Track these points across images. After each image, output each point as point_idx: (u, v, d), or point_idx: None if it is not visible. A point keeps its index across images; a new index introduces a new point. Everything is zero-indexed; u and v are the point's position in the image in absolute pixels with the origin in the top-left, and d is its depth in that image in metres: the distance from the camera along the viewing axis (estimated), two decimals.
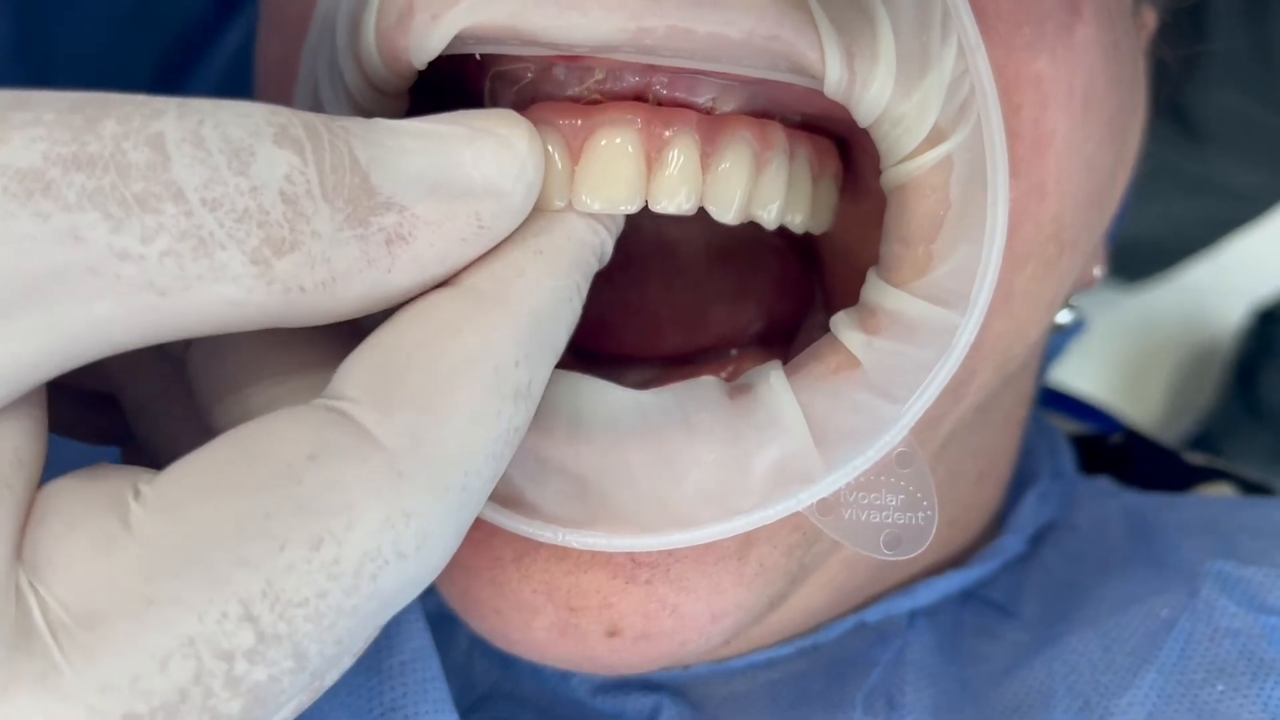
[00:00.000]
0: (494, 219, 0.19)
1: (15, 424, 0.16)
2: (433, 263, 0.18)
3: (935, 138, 0.22)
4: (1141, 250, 0.91)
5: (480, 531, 0.23)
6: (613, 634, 0.25)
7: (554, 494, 0.22)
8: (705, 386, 0.23)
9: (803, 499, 0.22)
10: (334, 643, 0.16)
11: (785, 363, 0.29)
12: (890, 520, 0.23)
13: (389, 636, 0.27)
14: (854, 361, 0.23)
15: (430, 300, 0.18)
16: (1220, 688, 0.28)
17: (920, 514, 0.23)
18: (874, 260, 0.24)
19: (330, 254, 0.17)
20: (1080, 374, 0.96)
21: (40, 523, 0.16)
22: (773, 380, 0.23)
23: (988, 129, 0.21)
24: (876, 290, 0.23)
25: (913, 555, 0.23)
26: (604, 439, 0.22)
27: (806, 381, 0.23)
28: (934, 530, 0.23)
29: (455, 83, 0.25)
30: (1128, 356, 1.04)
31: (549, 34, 0.20)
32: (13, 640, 0.15)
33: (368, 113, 0.23)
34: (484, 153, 0.18)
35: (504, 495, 0.22)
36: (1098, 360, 1.01)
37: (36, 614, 0.15)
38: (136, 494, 0.16)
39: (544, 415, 0.22)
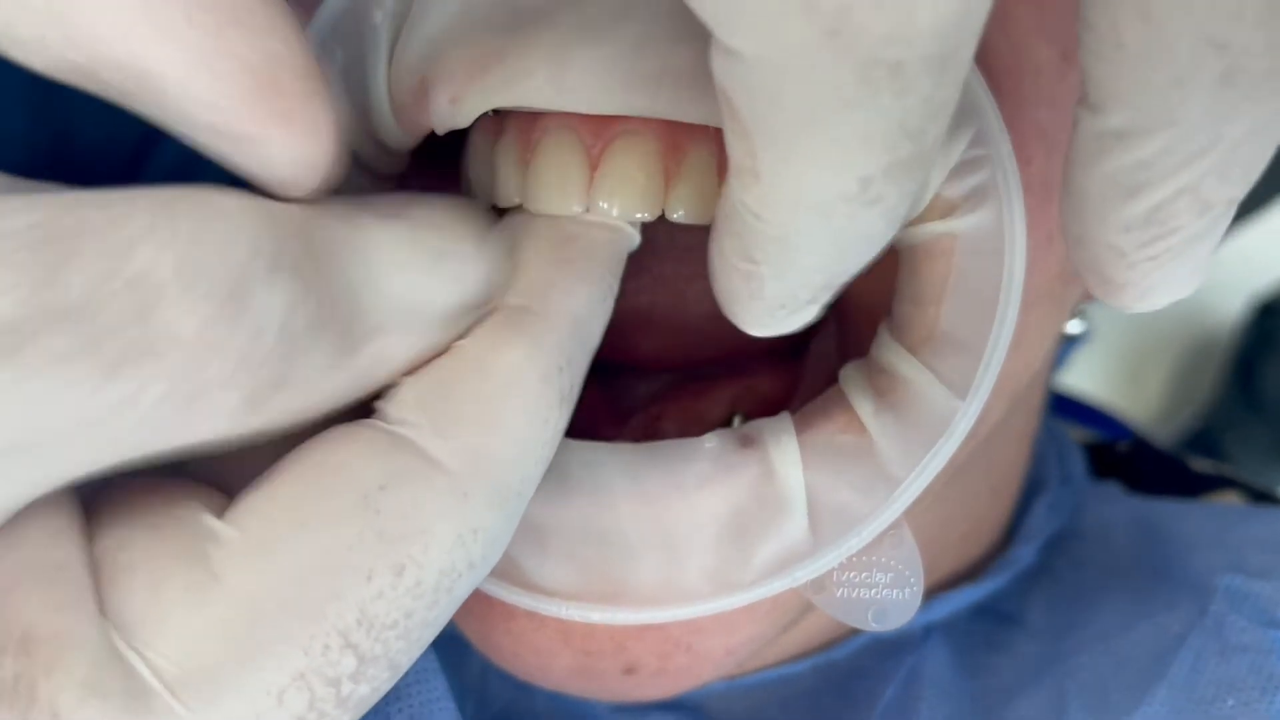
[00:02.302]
0: (479, 325, 0.19)
1: (44, 506, 0.16)
2: (419, 366, 0.19)
3: (943, 209, 0.21)
4: None
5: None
6: (629, 672, 0.25)
7: (551, 565, 0.22)
8: (706, 451, 0.23)
9: (798, 577, 0.23)
10: (419, 647, 0.17)
11: (794, 379, 0.28)
12: (879, 596, 0.23)
13: None
14: (861, 426, 0.23)
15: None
16: (1231, 703, 0.28)
17: (908, 590, 0.23)
18: (881, 276, 0.24)
19: (322, 384, 0.17)
20: (1080, 369, 0.97)
21: (118, 582, 0.16)
22: (785, 447, 0.23)
23: (1009, 234, 0.21)
24: (888, 350, 0.23)
25: (896, 627, 0.23)
26: (598, 508, 0.22)
27: (814, 448, 0.23)
28: (919, 603, 0.23)
29: None
30: (1127, 351, 1.04)
31: (559, 107, 0.21)
32: (131, 705, 0.15)
33: (367, 165, 0.23)
34: (471, 269, 0.19)
35: (502, 566, 0.23)
36: (1097, 355, 1.01)
37: (147, 674, 0.15)
38: (213, 536, 0.16)
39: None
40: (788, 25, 0.13)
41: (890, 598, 0.23)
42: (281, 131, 0.17)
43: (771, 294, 0.18)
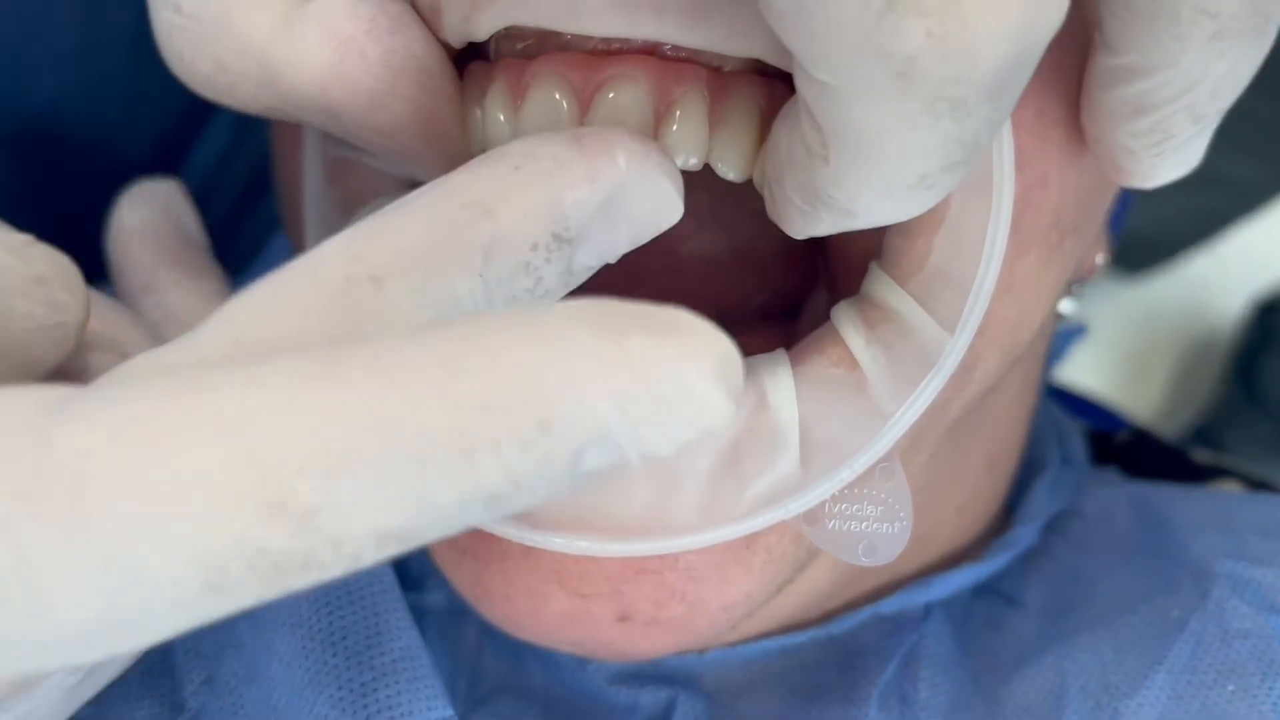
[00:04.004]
0: None
1: None
2: None
3: None
4: (1142, 243, 0.91)
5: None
6: (623, 619, 0.25)
7: None
8: None
9: (790, 508, 0.23)
10: None
11: (788, 339, 0.29)
12: (869, 530, 0.23)
13: (378, 634, 0.27)
14: (853, 360, 0.23)
15: None
16: (1230, 688, 0.28)
17: (897, 524, 0.23)
18: (877, 235, 0.24)
19: None
20: (1081, 367, 0.97)
21: None
22: (780, 381, 0.23)
23: (998, 167, 0.22)
24: (879, 283, 0.23)
25: (886, 562, 0.24)
26: None
27: (807, 380, 0.23)
28: (908, 538, 0.24)
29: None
30: (1129, 349, 1.04)
31: (572, 31, 0.21)
32: None
33: None
34: None
35: None
36: (1099, 353, 1.01)
37: None
38: None
39: None
40: (863, 66, 0.15)
41: (880, 531, 0.23)
42: (437, 148, 0.22)
43: (825, 228, 0.20)
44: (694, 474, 0.22)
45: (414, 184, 0.26)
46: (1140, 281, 1.01)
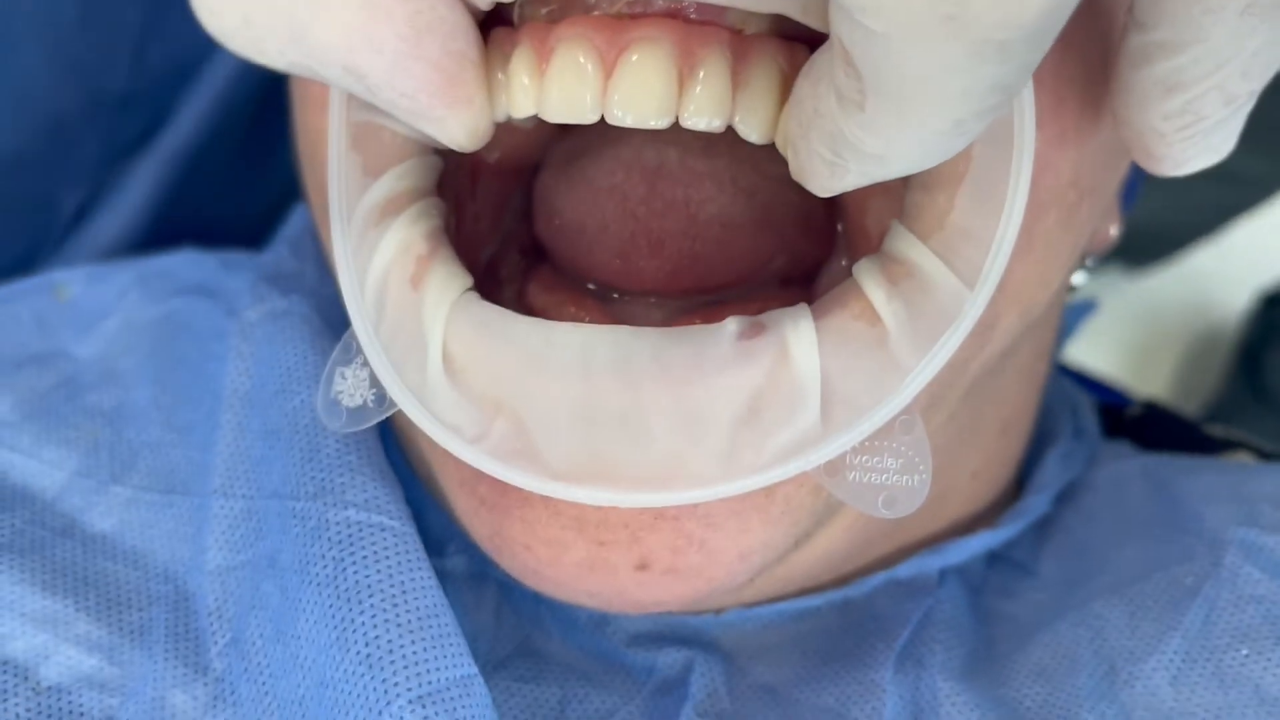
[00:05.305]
0: None
1: None
2: None
3: None
4: (1147, 236, 0.91)
5: None
6: (641, 568, 0.25)
7: (567, 446, 0.22)
8: (726, 335, 0.23)
9: (812, 460, 0.23)
10: None
11: (807, 301, 0.29)
12: (889, 482, 0.24)
13: (403, 592, 0.27)
14: (874, 314, 0.23)
15: None
16: (1244, 652, 0.28)
17: (916, 477, 0.24)
18: (893, 199, 0.24)
19: None
20: (1087, 359, 0.97)
21: None
22: (803, 334, 0.23)
23: (1019, 124, 0.22)
24: (900, 239, 0.23)
25: (906, 514, 0.24)
26: (619, 388, 0.22)
27: (829, 333, 0.23)
28: (927, 491, 0.24)
29: None
30: (1133, 342, 1.04)
31: None
32: None
33: None
34: None
35: (516, 446, 0.23)
36: (1104, 346, 1.01)
37: None
38: None
39: (555, 362, 0.23)
40: (912, 9, 0.15)
41: (900, 483, 0.24)
42: (458, 112, 0.22)
43: (851, 181, 0.20)
44: (715, 425, 0.22)
45: (437, 149, 0.26)
46: (1145, 275, 1.01)
